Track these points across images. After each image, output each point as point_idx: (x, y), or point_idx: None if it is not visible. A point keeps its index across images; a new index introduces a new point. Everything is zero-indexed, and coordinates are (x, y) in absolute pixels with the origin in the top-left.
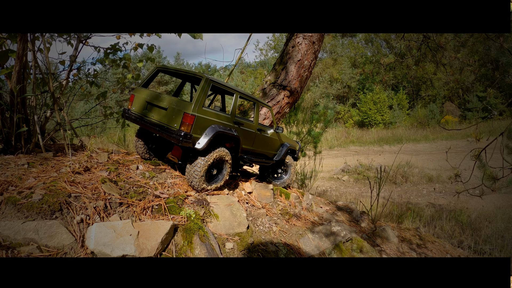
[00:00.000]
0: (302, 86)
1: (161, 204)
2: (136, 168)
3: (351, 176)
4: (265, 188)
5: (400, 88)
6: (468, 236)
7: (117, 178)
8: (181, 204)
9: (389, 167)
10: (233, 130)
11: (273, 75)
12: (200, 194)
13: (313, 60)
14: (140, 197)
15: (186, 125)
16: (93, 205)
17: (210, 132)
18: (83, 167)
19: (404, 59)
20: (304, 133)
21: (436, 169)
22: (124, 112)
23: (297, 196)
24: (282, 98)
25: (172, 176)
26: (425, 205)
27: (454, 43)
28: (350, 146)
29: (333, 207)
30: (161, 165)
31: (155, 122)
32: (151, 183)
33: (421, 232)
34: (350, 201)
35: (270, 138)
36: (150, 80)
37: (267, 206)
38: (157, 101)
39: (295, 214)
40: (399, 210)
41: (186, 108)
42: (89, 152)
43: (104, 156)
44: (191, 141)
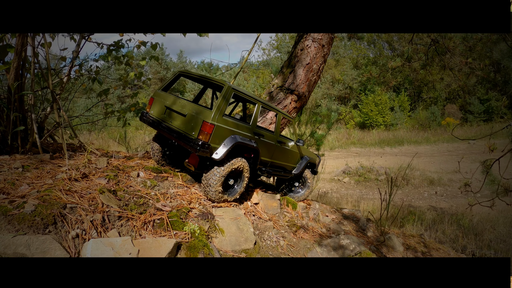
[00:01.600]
0: (310, 91)
1: (163, 218)
2: (136, 176)
3: (352, 178)
4: (272, 199)
5: (402, 90)
6: (470, 240)
7: (116, 187)
8: (185, 218)
9: (390, 169)
10: (252, 141)
11: (281, 78)
12: (205, 207)
13: (322, 64)
14: (141, 210)
15: (205, 134)
16: (90, 218)
17: (229, 142)
18: (81, 173)
19: (411, 62)
20: (307, 135)
21: (437, 171)
22: (142, 115)
23: (304, 206)
24: (289, 102)
25: (175, 185)
26: (426, 208)
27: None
28: (351, 148)
29: (339, 216)
30: (163, 173)
31: (173, 128)
32: (152, 193)
33: (425, 239)
34: (355, 209)
35: (290, 151)
36: (171, 84)
37: (274, 218)
38: (176, 106)
39: (302, 226)
40: (401, 213)
41: (205, 116)
42: (87, 156)
43: (103, 161)
44: (209, 150)
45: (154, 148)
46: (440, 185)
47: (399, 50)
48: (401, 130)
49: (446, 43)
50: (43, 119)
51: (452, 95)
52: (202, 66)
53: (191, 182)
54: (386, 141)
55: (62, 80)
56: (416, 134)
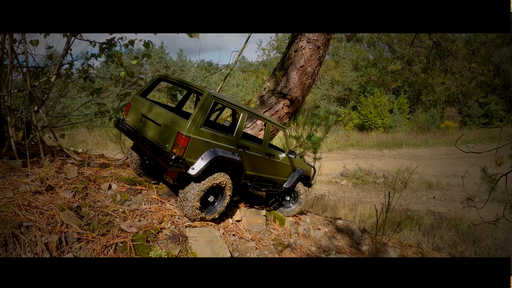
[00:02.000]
0: (304, 95)
1: (126, 241)
2: (108, 188)
3: (349, 181)
4: (257, 215)
5: (401, 92)
6: (468, 246)
7: (82, 202)
8: (153, 240)
9: (389, 172)
10: (236, 154)
11: (273, 81)
12: (178, 227)
13: (317, 67)
14: (104, 230)
15: (179, 147)
16: (45, 239)
17: (207, 156)
18: (45, 186)
19: (411, 66)
20: (304, 137)
21: (435, 175)
22: (118, 123)
23: (293, 221)
24: (281, 107)
25: (148, 200)
26: (424, 212)
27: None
28: (349, 150)
29: (333, 228)
30: (138, 185)
31: (147, 139)
32: (120, 210)
33: (423, 249)
34: (350, 220)
35: (281, 163)
36: (150, 89)
37: (257, 236)
38: (152, 114)
39: (289, 244)
40: (399, 218)
41: (180, 128)
42: (46, 168)
43: (74, 171)
44: (184, 166)
45: (132, 157)
46: (438, 189)
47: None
48: (400, 133)
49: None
50: (29, 120)
51: (451, 98)
52: (202, 65)
53: (167, 196)
54: (384, 144)
55: (49, 79)
56: (415, 136)
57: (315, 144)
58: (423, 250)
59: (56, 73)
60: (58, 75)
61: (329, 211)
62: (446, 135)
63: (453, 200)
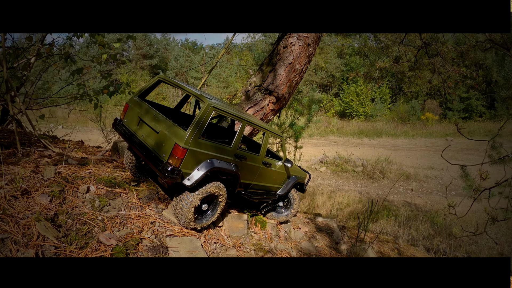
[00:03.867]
0: (290, 93)
1: (106, 256)
2: (86, 191)
3: (329, 168)
4: (238, 219)
5: (384, 82)
6: (443, 239)
7: (59, 209)
8: (133, 252)
9: (368, 161)
10: (232, 165)
11: (259, 76)
12: (158, 236)
13: (306, 64)
14: (82, 242)
15: (176, 158)
16: (21, 254)
17: (204, 167)
18: (21, 189)
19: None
20: (286, 124)
21: (414, 166)
22: (115, 123)
23: (274, 224)
24: (267, 104)
25: (127, 205)
26: (401, 204)
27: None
28: (329, 136)
29: (313, 228)
30: (117, 187)
31: (144, 145)
32: (99, 218)
33: (399, 244)
34: (330, 218)
35: (276, 172)
36: (149, 90)
37: (238, 242)
38: (150, 120)
39: (270, 249)
40: (376, 207)
41: (178, 139)
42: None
43: (51, 171)
44: (179, 176)
45: (127, 157)
46: (416, 181)
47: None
48: (380, 122)
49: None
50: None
51: (433, 90)
52: (186, 45)
53: (147, 200)
54: (365, 132)
55: (29, 61)
56: (395, 126)
57: (297, 133)
58: (400, 245)
59: (36, 54)
60: (38, 56)
61: (308, 198)
62: (426, 127)
63: (429, 192)
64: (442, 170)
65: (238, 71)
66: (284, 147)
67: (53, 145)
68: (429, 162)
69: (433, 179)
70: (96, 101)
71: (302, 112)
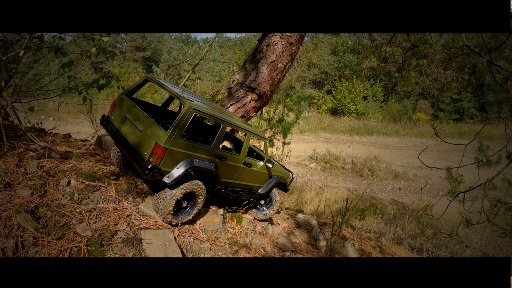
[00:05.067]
0: (272, 90)
1: (81, 246)
2: (66, 184)
3: (318, 164)
4: (214, 214)
5: (377, 81)
6: (427, 238)
7: (39, 201)
8: (107, 243)
9: (357, 158)
10: (212, 164)
11: (242, 74)
12: (133, 228)
13: (288, 63)
14: (59, 233)
15: (156, 157)
16: (2, 244)
17: (183, 166)
18: (4, 182)
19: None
20: (275, 120)
21: (403, 165)
22: (102, 119)
23: (251, 219)
24: (248, 101)
25: (105, 198)
26: (388, 202)
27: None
28: (320, 133)
29: (292, 223)
30: (96, 181)
31: (127, 142)
32: (77, 211)
33: (382, 242)
34: (311, 214)
35: (257, 172)
36: (136, 89)
37: (212, 236)
38: (134, 118)
39: (245, 244)
40: (363, 205)
41: (159, 138)
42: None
43: (33, 165)
44: (159, 174)
45: (114, 152)
46: (404, 179)
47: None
48: (371, 120)
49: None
50: None
51: (425, 91)
52: (180, 38)
53: (125, 193)
54: (356, 130)
55: (17, 54)
56: (386, 125)
57: (285, 129)
58: (382, 243)
59: (24, 47)
60: (27, 49)
61: (296, 194)
62: (417, 127)
63: (417, 192)
64: (431, 170)
65: (231, 65)
66: (266, 148)
67: (39, 138)
68: (418, 162)
69: (422, 179)
70: (85, 94)
71: (292, 108)
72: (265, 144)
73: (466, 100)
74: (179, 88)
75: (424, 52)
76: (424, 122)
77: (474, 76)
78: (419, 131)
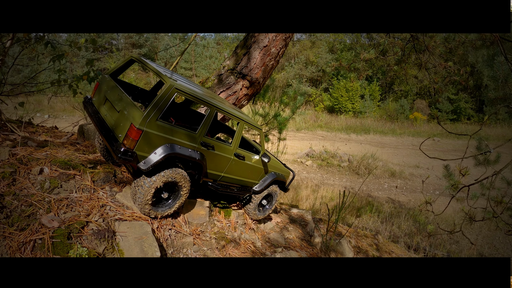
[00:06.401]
0: (265, 77)
1: (45, 238)
2: (38, 172)
3: (314, 162)
4: (200, 206)
5: (374, 80)
6: (424, 237)
7: (6, 190)
8: (76, 236)
9: (354, 156)
10: (196, 152)
11: (233, 60)
12: (106, 220)
13: (282, 48)
14: (23, 224)
15: (130, 139)
16: None
17: (161, 152)
18: None
19: (385, 56)
20: (271, 115)
21: (399, 164)
22: (84, 101)
23: (241, 213)
24: (240, 88)
25: (79, 188)
26: (385, 200)
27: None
28: (317, 130)
29: (286, 218)
30: (72, 169)
31: (104, 124)
32: (46, 200)
33: (378, 240)
34: (306, 210)
35: (252, 166)
36: (121, 70)
37: (197, 230)
38: (113, 98)
39: (233, 239)
40: (360, 203)
41: (134, 119)
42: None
43: (5, 153)
44: (133, 159)
45: (98, 139)
46: (401, 178)
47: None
48: (368, 119)
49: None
50: None
51: (423, 90)
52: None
53: (102, 183)
54: (352, 128)
55: (4, 45)
56: (383, 124)
57: (281, 125)
58: (379, 241)
59: (11, 37)
60: (13, 40)
61: (292, 191)
62: (414, 126)
63: (414, 191)
64: (427, 170)
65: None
66: (262, 141)
67: (24, 131)
68: (415, 161)
69: (418, 178)
70: (75, 87)
71: (288, 103)
72: (261, 136)
73: (464, 101)
74: (168, 71)
75: (424, 44)
76: (421, 122)
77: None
78: (416, 131)
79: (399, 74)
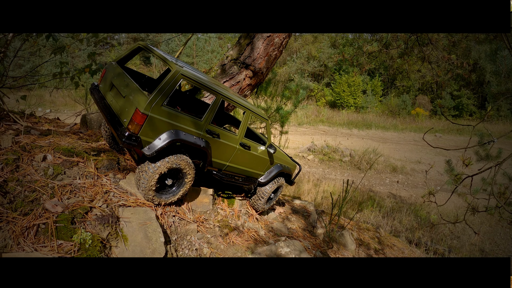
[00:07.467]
0: (268, 67)
1: (48, 223)
2: (42, 159)
3: (316, 156)
4: (203, 194)
5: (376, 75)
6: (425, 232)
7: (10, 176)
8: (79, 221)
9: (355, 151)
10: (201, 139)
11: (237, 49)
12: (110, 205)
13: (285, 38)
14: (27, 209)
15: (135, 124)
16: None
17: (165, 137)
18: None
19: (388, 49)
20: (273, 109)
21: (401, 159)
22: (91, 87)
23: (244, 202)
24: (243, 78)
25: (83, 175)
26: (386, 195)
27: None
28: (319, 125)
29: (288, 209)
30: (75, 156)
31: (110, 109)
32: (50, 186)
33: (380, 233)
34: (309, 202)
35: (257, 157)
36: (129, 57)
37: (201, 218)
38: (119, 84)
39: (236, 227)
40: (361, 197)
41: (139, 104)
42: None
43: (8, 140)
44: (137, 143)
45: (105, 127)
46: (402, 173)
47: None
48: (370, 114)
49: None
50: None
51: (425, 86)
52: None
53: (106, 169)
54: (354, 123)
55: (5, 37)
56: (385, 119)
57: (283, 118)
58: (381, 235)
59: None
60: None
61: (293, 185)
62: (416, 122)
63: (415, 186)
64: (429, 165)
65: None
66: (269, 131)
67: (26, 121)
68: (416, 156)
69: (420, 173)
70: (77, 79)
71: (290, 97)
72: (267, 127)
73: (466, 97)
74: (174, 58)
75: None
76: (423, 118)
77: (475, 73)
78: (417, 126)
79: (402, 67)
